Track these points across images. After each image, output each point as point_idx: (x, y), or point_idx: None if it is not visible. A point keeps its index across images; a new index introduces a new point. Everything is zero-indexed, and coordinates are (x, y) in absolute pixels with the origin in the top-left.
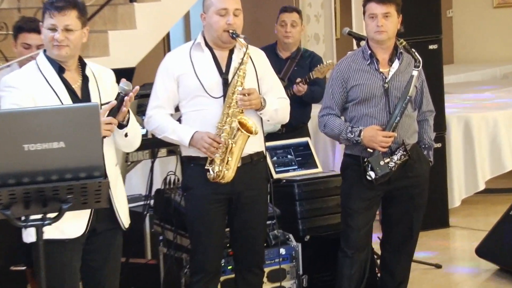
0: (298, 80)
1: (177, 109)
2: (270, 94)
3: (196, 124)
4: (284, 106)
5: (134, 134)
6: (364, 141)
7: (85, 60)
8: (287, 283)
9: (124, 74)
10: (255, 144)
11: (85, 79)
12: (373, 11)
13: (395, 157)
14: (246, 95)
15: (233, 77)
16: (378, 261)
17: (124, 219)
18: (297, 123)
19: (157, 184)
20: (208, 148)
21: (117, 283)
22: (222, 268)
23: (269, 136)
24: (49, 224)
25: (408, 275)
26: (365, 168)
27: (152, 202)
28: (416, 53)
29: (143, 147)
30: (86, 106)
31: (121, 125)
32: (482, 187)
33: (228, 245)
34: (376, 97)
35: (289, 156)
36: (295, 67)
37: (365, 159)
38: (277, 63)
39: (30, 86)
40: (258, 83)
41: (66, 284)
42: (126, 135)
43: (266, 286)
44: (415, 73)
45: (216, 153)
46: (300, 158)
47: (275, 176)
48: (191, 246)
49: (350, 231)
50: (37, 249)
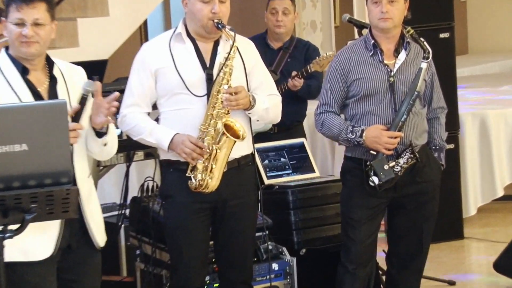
0: (294, 73)
1: (154, 106)
2: (259, 90)
3: (176, 125)
4: (275, 104)
5: (113, 143)
6: (367, 142)
7: (52, 56)
8: None
9: (96, 67)
10: (243, 146)
11: (52, 80)
12: None
13: (402, 160)
14: (233, 94)
15: (218, 73)
16: (384, 278)
17: (99, 238)
18: (291, 122)
19: (133, 192)
20: (190, 153)
21: None
22: (207, 286)
23: (259, 137)
24: (11, 237)
25: None
26: (367, 173)
27: (127, 211)
28: (425, 43)
29: (118, 149)
30: (52, 103)
31: (99, 133)
32: (500, 193)
33: (213, 260)
34: (380, 93)
35: (282, 159)
36: (288, 58)
37: (368, 163)
38: (268, 54)
39: None
40: (246, 79)
41: None
42: (105, 144)
43: None
44: (424, 65)
45: (198, 159)
46: (294, 161)
47: (267, 181)
48: (171, 261)
49: (351, 243)
50: None
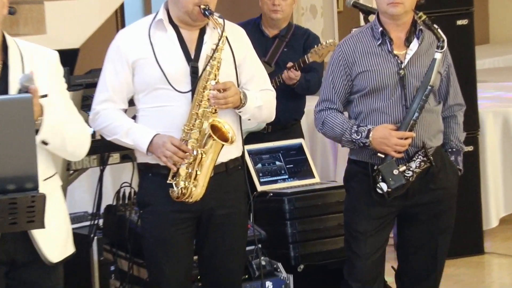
0: (290, 64)
1: (132, 103)
2: (251, 85)
3: (156, 124)
4: (269, 100)
5: (61, 141)
6: (374, 144)
7: (16, 38)
8: None
9: (65, 57)
10: (231, 148)
11: (4, 67)
12: None
13: (414, 164)
14: (221, 91)
15: (205, 67)
16: None
17: (51, 252)
18: (287, 120)
19: (108, 199)
20: (171, 157)
21: None
22: None
23: (251, 137)
24: None
25: None
26: (374, 179)
27: (101, 222)
28: (439, 30)
29: (90, 151)
30: (14, 98)
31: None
32: None
33: (197, 277)
34: (389, 87)
35: (277, 162)
36: (285, 48)
37: (375, 167)
38: (262, 43)
39: None
40: (236, 73)
41: None
42: (45, 143)
43: None
44: (438, 56)
45: (180, 164)
46: (291, 165)
47: (260, 188)
48: (150, 278)
49: (355, 259)
50: None
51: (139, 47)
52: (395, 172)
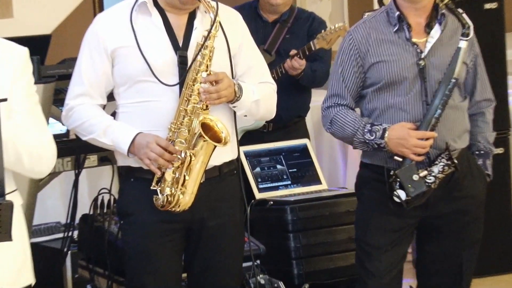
0: (293, 52)
1: (111, 97)
2: (248, 77)
3: (139, 122)
4: (268, 94)
5: (15, 157)
6: (390, 145)
7: None
8: None
9: (35, 44)
10: (225, 150)
11: None
12: None
13: (436, 169)
14: (213, 83)
15: (195, 57)
16: None
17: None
18: (290, 118)
19: (84, 208)
20: (156, 159)
21: None
22: None
23: (248, 137)
24: None
25: None
26: (391, 185)
27: (75, 234)
28: (464, 15)
29: (63, 152)
30: None
31: None
32: None
33: None
34: (407, 80)
35: (278, 166)
36: (286, 34)
37: (392, 172)
38: (261, 28)
39: None
40: (231, 63)
41: None
42: None
43: None
44: (463, 44)
45: (166, 168)
46: (294, 170)
47: (258, 195)
48: None
49: (368, 277)
50: None
51: (120, 34)
52: (415, 177)
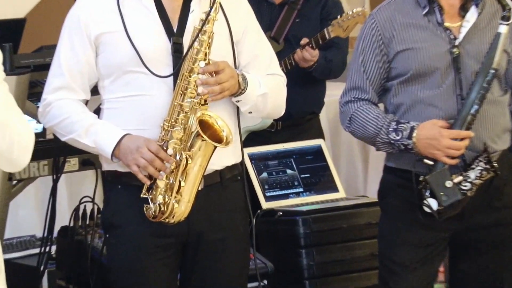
0: (305, 41)
1: (95, 91)
2: (253, 67)
3: (126, 120)
4: (277, 87)
5: (8, 144)
6: (419, 146)
7: None
8: None
9: (7, 29)
10: (227, 152)
11: None
12: None
13: (473, 174)
14: (213, 74)
15: (192, 43)
16: None
17: None
18: (302, 114)
19: (63, 219)
20: (145, 166)
21: None
22: None
23: (253, 137)
24: None
25: None
26: (420, 193)
27: (54, 249)
28: None
29: (39, 155)
30: None
31: None
32: None
33: None
34: (438, 71)
35: (288, 170)
36: (296, 18)
37: (421, 178)
38: (266, 12)
39: None
40: (233, 51)
41: None
42: None
43: None
44: (504, 29)
45: (157, 176)
46: (307, 175)
47: (265, 205)
48: None
49: None
50: None
51: (105, 18)
52: (448, 184)
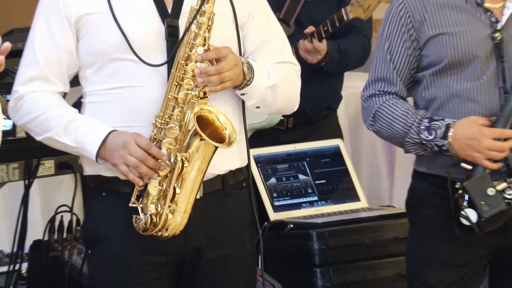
0: (310, 29)
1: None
2: (261, 54)
3: (113, 116)
4: (289, 78)
5: None
6: (456, 148)
7: None
8: None
9: None
10: (230, 154)
11: None
12: None
13: None
14: (214, 62)
15: (189, 26)
16: None
17: None
18: (316, 110)
19: (36, 232)
20: (136, 166)
21: None
22: None
23: (260, 137)
24: None
25: None
26: (457, 203)
27: (24, 267)
28: None
29: (8, 156)
30: None
31: None
32: None
33: None
34: (478, 60)
35: (301, 176)
36: None
37: (458, 185)
38: None
39: None
40: (238, 35)
41: None
42: None
43: None
44: None
45: (150, 178)
46: (323, 181)
47: (273, 216)
48: None
49: None
50: None
51: None
52: (490, 192)
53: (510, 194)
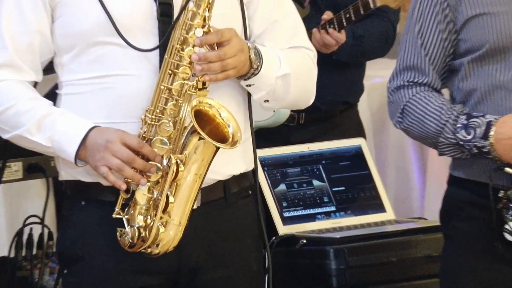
0: (328, 15)
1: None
2: (270, 38)
3: (95, 110)
4: (304, 65)
5: None
6: (499, 149)
7: None
8: None
9: None
10: (234, 157)
11: None
12: None
13: None
14: (215, 46)
15: (186, 4)
16: None
17: None
18: (332, 105)
19: (0, 248)
20: (120, 168)
21: None
22: None
23: (266, 135)
24: None
25: None
26: (500, 214)
27: None
28: None
29: None
30: None
31: None
32: None
33: None
34: None
35: (315, 181)
36: None
37: (502, 193)
38: None
39: None
40: (243, 16)
41: None
42: None
43: None
44: None
45: (138, 183)
46: (341, 187)
47: (282, 229)
48: None
49: None
50: None
51: None
52: None
53: None
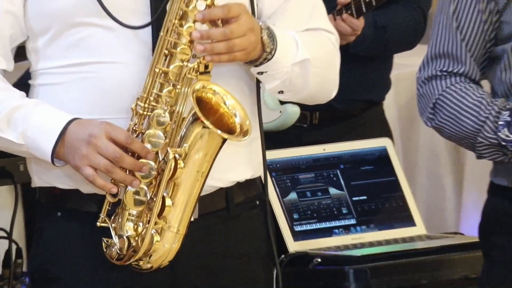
0: (343, 0)
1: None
2: (283, 17)
3: (75, 101)
4: (325, 50)
5: None
6: None
7: None
8: None
9: None
10: (239, 161)
11: None
12: None
13: None
14: (220, 23)
15: None
16: None
17: None
18: (351, 104)
19: None
20: (108, 169)
21: None
22: None
23: (274, 136)
24: None
25: None
26: None
27: None
28: None
29: None
30: None
31: None
32: None
33: None
34: None
35: (332, 190)
36: None
37: None
38: None
39: None
40: None
41: None
42: None
43: None
44: None
45: (127, 184)
46: (363, 197)
47: (293, 246)
48: None
49: None
50: None
51: None
52: None
53: None
